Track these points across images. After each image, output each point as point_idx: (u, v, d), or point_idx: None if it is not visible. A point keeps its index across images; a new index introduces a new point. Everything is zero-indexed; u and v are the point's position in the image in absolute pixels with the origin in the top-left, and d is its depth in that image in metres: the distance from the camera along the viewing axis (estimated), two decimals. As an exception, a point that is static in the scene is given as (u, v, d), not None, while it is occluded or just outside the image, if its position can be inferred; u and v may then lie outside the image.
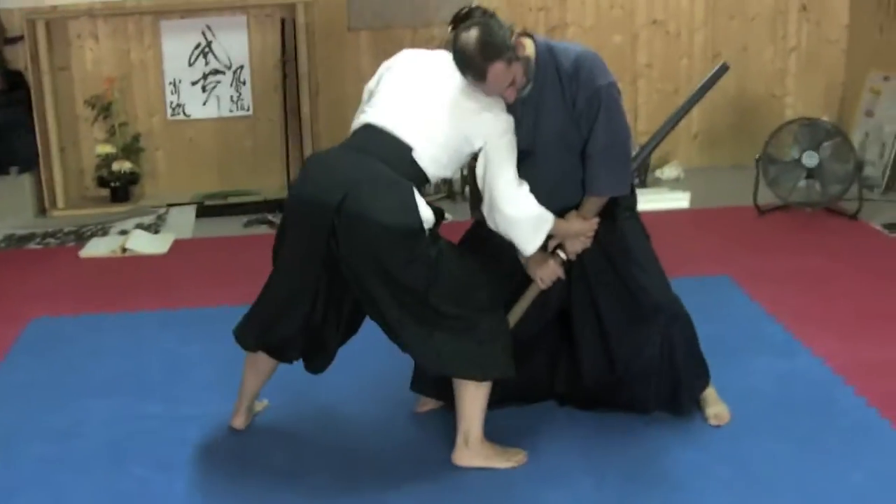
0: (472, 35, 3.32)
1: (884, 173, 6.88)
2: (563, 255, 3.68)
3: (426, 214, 3.36)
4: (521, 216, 3.49)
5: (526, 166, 3.55)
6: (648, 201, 6.66)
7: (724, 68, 3.85)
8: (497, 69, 3.32)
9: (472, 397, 3.56)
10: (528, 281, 3.71)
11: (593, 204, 3.64)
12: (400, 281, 3.36)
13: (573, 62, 3.48)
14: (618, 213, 3.74)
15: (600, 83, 3.48)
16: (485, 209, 3.53)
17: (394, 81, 3.54)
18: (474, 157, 3.52)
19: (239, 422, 3.92)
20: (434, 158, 3.43)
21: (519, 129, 3.56)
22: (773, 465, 3.56)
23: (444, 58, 3.47)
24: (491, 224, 3.54)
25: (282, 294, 3.57)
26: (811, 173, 6.35)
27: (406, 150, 3.40)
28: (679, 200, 6.85)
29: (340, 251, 3.36)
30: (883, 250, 5.82)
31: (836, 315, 4.84)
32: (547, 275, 3.66)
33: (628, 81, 7.53)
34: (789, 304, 4.95)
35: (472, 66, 3.33)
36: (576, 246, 3.66)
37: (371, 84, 3.67)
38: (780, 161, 6.44)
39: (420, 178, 3.43)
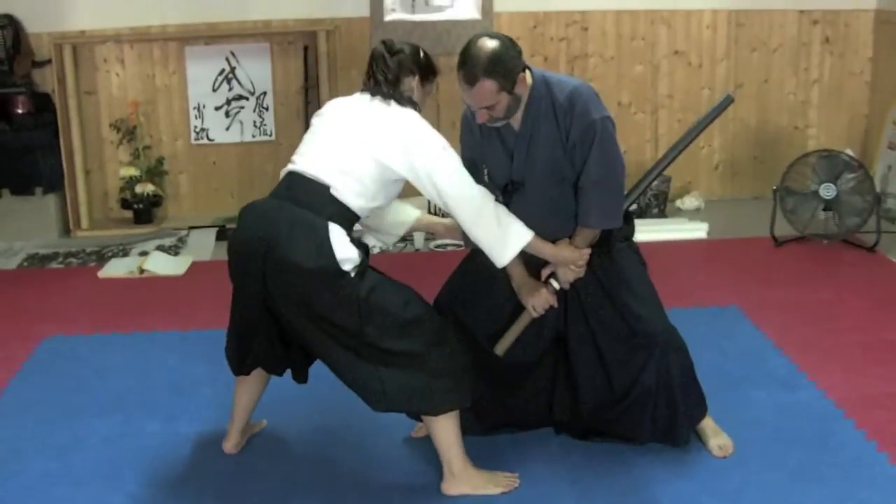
0: (490, 44, 3.37)
1: (905, 205, 6.82)
2: (555, 283, 3.68)
3: (346, 254, 3.37)
4: (484, 214, 3.47)
5: (518, 197, 3.59)
6: (666, 231, 6.80)
7: (728, 100, 3.82)
8: (487, 86, 3.35)
9: (442, 428, 3.56)
10: (520, 309, 3.72)
11: (585, 235, 3.64)
12: (332, 321, 3.39)
13: (568, 96, 3.50)
14: (613, 243, 3.74)
15: (594, 116, 3.49)
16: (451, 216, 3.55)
17: (316, 129, 3.59)
18: None
19: (230, 445, 3.92)
20: (356, 192, 3.44)
21: (510, 161, 3.60)
22: (763, 497, 3.54)
23: (364, 98, 3.54)
24: (471, 237, 3.54)
25: (237, 327, 3.68)
26: (829, 205, 6.31)
27: (324, 189, 3.42)
28: (697, 231, 6.82)
29: (273, 295, 3.43)
30: (897, 283, 5.75)
31: (842, 347, 4.79)
32: (539, 303, 3.67)
33: (649, 112, 7.52)
34: (796, 336, 4.92)
35: (472, 69, 3.35)
36: (568, 275, 3.67)
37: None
38: (797, 192, 6.39)
39: (344, 214, 3.44)
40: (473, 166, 3.61)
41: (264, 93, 7.29)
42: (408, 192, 3.69)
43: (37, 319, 5.53)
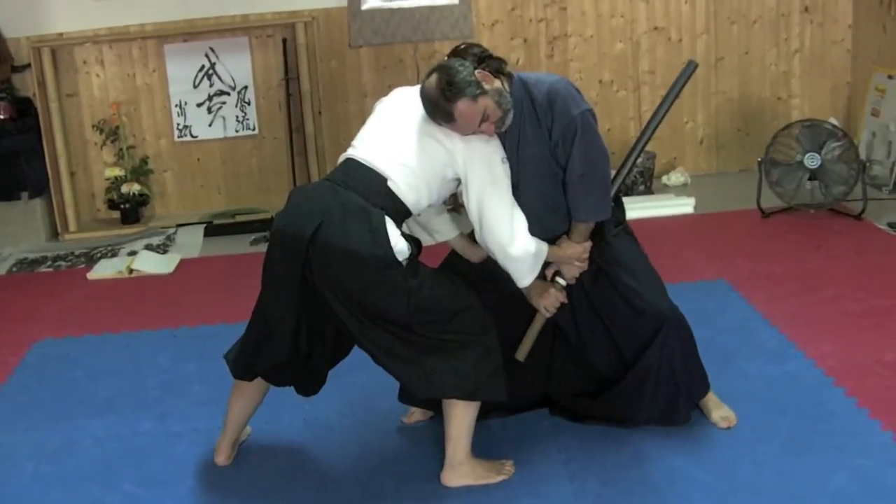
0: (433, 80, 3.37)
1: (891, 172, 6.81)
2: (562, 281, 3.68)
3: (399, 245, 3.33)
4: (519, 255, 3.47)
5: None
6: (653, 207, 6.78)
7: (692, 66, 3.81)
8: (462, 107, 3.35)
9: (460, 418, 3.53)
10: (532, 311, 3.71)
11: (580, 229, 3.65)
12: (378, 310, 3.35)
13: (546, 94, 3.50)
14: (607, 229, 3.75)
15: (574, 112, 3.48)
16: (478, 238, 3.52)
17: (378, 117, 3.56)
18: None
19: (222, 458, 3.84)
20: (412, 186, 3.41)
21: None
22: (756, 469, 3.52)
23: None
24: (486, 250, 3.54)
25: (265, 323, 3.54)
26: (814, 175, 6.29)
27: (381, 180, 3.40)
28: (683, 206, 6.80)
29: (315, 280, 3.36)
30: (885, 249, 5.75)
31: (831, 316, 4.78)
32: (550, 303, 3.67)
33: (631, 89, 7.51)
34: (785, 307, 4.91)
35: (439, 109, 3.37)
36: (573, 271, 3.68)
37: None
38: (782, 164, 6.38)
39: (398, 208, 3.40)
40: None
41: (245, 87, 7.29)
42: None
43: (27, 324, 5.52)
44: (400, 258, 3.32)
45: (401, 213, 3.43)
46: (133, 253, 6.57)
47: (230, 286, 5.85)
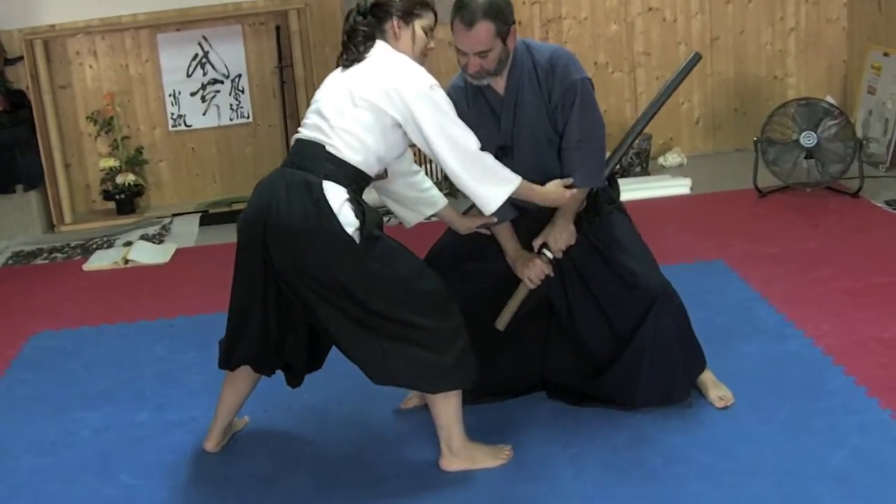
0: None
1: (888, 149, 6.77)
2: (549, 253, 3.68)
3: (345, 213, 3.27)
4: (482, 154, 3.37)
5: (508, 163, 3.52)
6: (649, 188, 6.73)
7: (696, 58, 3.84)
8: (486, 28, 3.39)
9: (443, 406, 3.50)
10: (515, 281, 3.71)
11: (572, 199, 3.63)
12: (333, 287, 3.30)
13: (548, 58, 3.57)
14: (600, 205, 3.75)
15: (575, 77, 3.55)
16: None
17: (315, 98, 3.51)
18: None
19: (212, 444, 3.83)
20: (350, 145, 3.33)
21: (498, 126, 3.62)
22: (755, 448, 3.51)
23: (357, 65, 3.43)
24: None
25: (235, 313, 3.57)
26: (810, 153, 6.26)
27: (319, 148, 3.35)
28: (680, 187, 6.77)
29: (275, 266, 3.35)
30: (882, 226, 5.72)
31: (829, 295, 4.76)
32: (535, 274, 3.67)
33: (626, 71, 7.48)
34: (783, 286, 4.89)
35: (471, 9, 3.39)
36: (560, 242, 3.66)
37: None
38: (778, 142, 6.35)
39: (346, 172, 3.34)
40: None
41: (239, 75, 7.26)
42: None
43: (24, 316, 5.50)
44: (349, 228, 3.26)
45: (351, 176, 3.35)
46: (129, 244, 6.55)
47: (227, 275, 5.67)
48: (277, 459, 3.76)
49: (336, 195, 3.28)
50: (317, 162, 3.33)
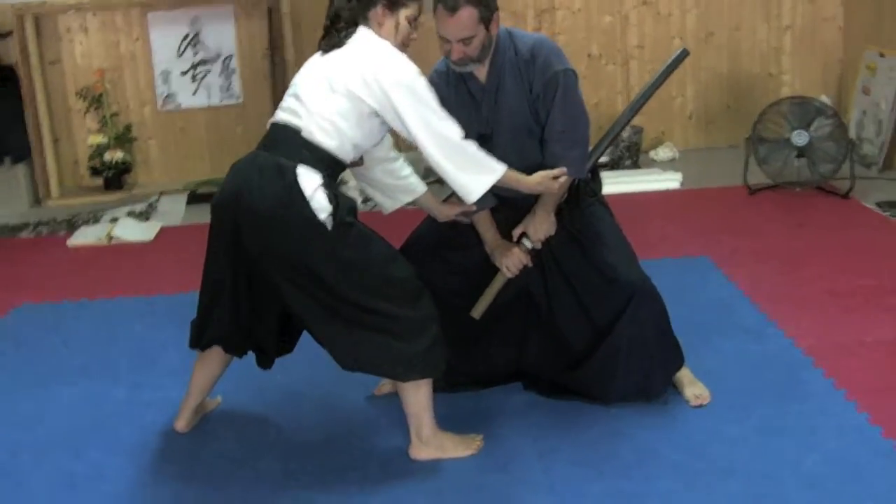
0: None
1: (881, 150, 6.74)
2: (528, 243, 3.65)
3: (318, 198, 3.23)
4: (466, 143, 3.31)
5: (486, 151, 3.45)
6: (639, 182, 6.70)
7: (683, 54, 3.80)
8: (469, 14, 3.35)
9: (413, 394, 3.46)
10: (494, 270, 3.68)
11: (561, 186, 3.59)
12: (303, 272, 3.27)
13: (530, 48, 3.53)
14: (581, 198, 3.72)
15: (557, 68, 3.51)
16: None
17: (293, 82, 3.46)
18: None
19: (182, 424, 3.78)
20: (326, 130, 3.27)
21: (479, 114, 3.58)
22: (728, 449, 3.46)
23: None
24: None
25: (206, 294, 3.55)
26: (802, 152, 6.22)
27: (294, 133, 3.30)
28: (670, 181, 6.73)
29: (248, 248, 3.32)
30: (871, 228, 5.68)
31: (813, 295, 4.71)
32: (513, 263, 3.64)
33: (620, 63, 7.46)
34: (767, 285, 4.85)
35: None
36: (540, 233, 3.63)
37: None
38: (770, 140, 6.30)
39: (321, 157, 3.28)
40: None
41: (230, 56, 7.22)
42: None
43: (6, 289, 5.47)
44: (321, 214, 3.22)
45: (326, 162, 3.29)
46: (115, 220, 6.51)
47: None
48: (247, 442, 3.72)
49: (309, 180, 3.24)
50: (291, 146, 3.28)
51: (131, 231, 6.29)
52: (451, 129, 3.30)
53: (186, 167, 7.33)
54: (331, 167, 3.31)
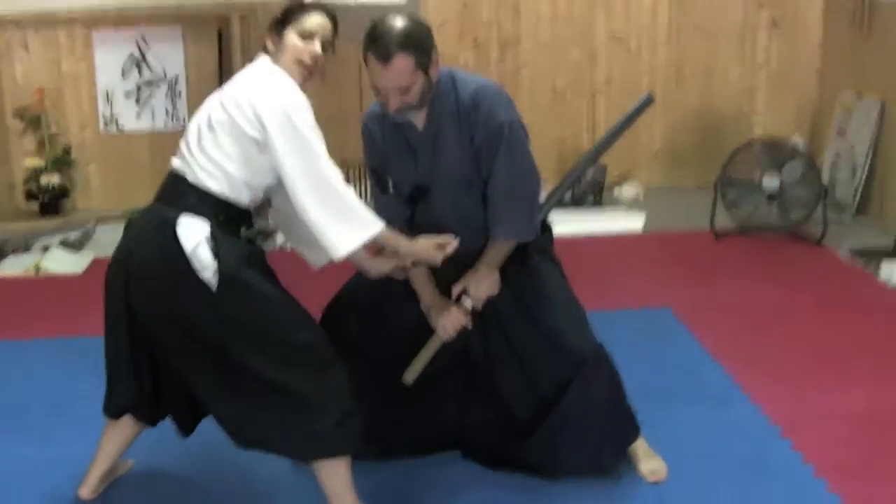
0: (400, 20, 3.05)
1: (854, 195, 6.47)
2: (468, 302, 3.35)
3: (202, 259, 2.92)
4: (343, 189, 2.95)
5: (425, 206, 3.32)
6: (599, 222, 6.48)
7: (648, 100, 3.58)
8: (404, 62, 3.03)
9: (331, 474, 3.11)
10: (429, 332, 3.38)
11: (497, 249, 3.33)
12: (190, 337, 2.98)
13: (472, 94, 3.21)
14: (529, 254, 3.42)
15: (502, 118, 3.19)
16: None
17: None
18: None
19: (87, 491, 3.42)
20: (208, 171, 2.97)
21: (417, 164, 3.31)
22: (684, 533, 3.14)
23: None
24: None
25: (107, 361, 3.27)
26: (773, 196, 5.98)
27: (180, 178, 3.02)
28: (632, 223, 6.49)
29: (137, 310, 3.07)
30: (844, 281, 5.42)
31: (782, 355, 4.44)
32: (450, 324, 3.34)
33: (586, 99, 7.26)
34: (733, 343, 4.57)
35: (385, 43, 3.01)
36: (481, 292, 3.33)
37: None
38: (740, 183, 6.06)
39: (208, 203, 2.98)
40: (376, 176, 3.36)
41: (176, 78, 6.93)
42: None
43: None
44: (205, 272, 2.92)
45: (216, 208, 2.98)
46: (47, 248, 6.19)
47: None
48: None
49: (192, 233, 2.94)
50: (177, 194, 3.01)
51: (61, 262, 5.96)
52: (332, 170, 2.95)
53: (127, 193, 6.91)
54: (224, 212, 3.01)
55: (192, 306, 2.95)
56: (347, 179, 3.01)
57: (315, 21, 3.08)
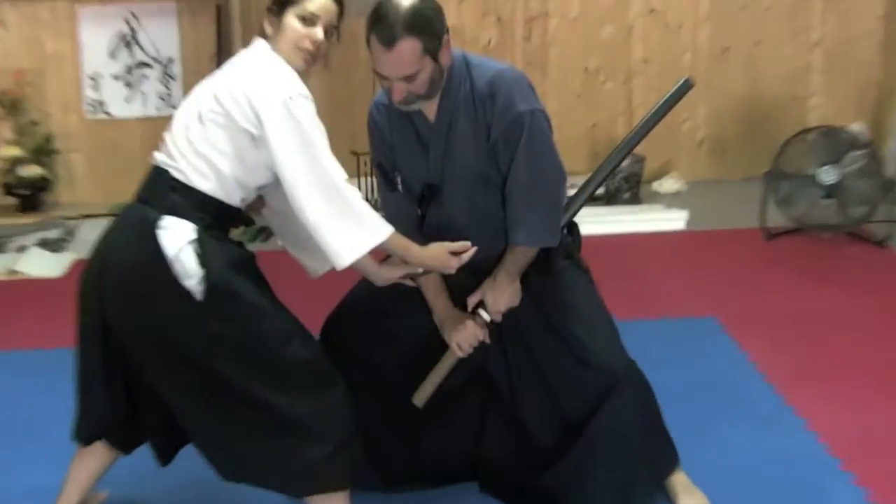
0: (408, 1, 2.95)
1: (922, 189, 6.38)
2: (485, 315, 3.29)
3: (185, 265, 2.83)
4: (349, 190, 2.86)
5: (437, 206, 3.25)
6: (638, 221, 6.48)
7: (686, 85, 3.48)
8: (409, 47, 2.92)
9: None
10: (442, 347, 3.32)
11: (517, 258, 3.25)
12: (171, 354, 2.90)
13: (489, 81, 3.13)
14: (554, 260, 3.32)
15: (521, 108, 3.12)
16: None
17: None
18: None
19: None
20: (198, 169, 2.89)
21: (428, 158, 3.25)
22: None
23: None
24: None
25: (78, 381, 3.18)
26: (830, 192, 5.92)
27: (163, 175, 2.95)
28: (673, 221, 6.48)
29: (113, 325, 2.97)
30: (912, 285, 5.35)
31: (842, 372, 4.34)
32: (465, 339, 3.27)
33: (621, 80, 7.28)
34: (785, 357, 4.49)
35: (389, 24, 2.91)
36: (500, 303, 3.26)
37: None
38: (793, 176, 6.00)
39: (195, 202, 2.89)
40: (383, 172, 3.30)
41: (171, 59, 6.98)
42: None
43: None
44: (188, 280, 2.84)
45: (204, 207, 2.91)
46: (24, 248, 6.19)
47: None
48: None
49: (175, 236, 2.85)
50: (160, 192, 2.94)
51: (38, 265, 5.96)
52: (335, 168, 2.86)
53: (115, 187, 6.85)
54: (212, 212, 2.93)
55: (173, 318, 2.87)
56: (357, 173, 2.91)
57: (318, 3, 2.98)
